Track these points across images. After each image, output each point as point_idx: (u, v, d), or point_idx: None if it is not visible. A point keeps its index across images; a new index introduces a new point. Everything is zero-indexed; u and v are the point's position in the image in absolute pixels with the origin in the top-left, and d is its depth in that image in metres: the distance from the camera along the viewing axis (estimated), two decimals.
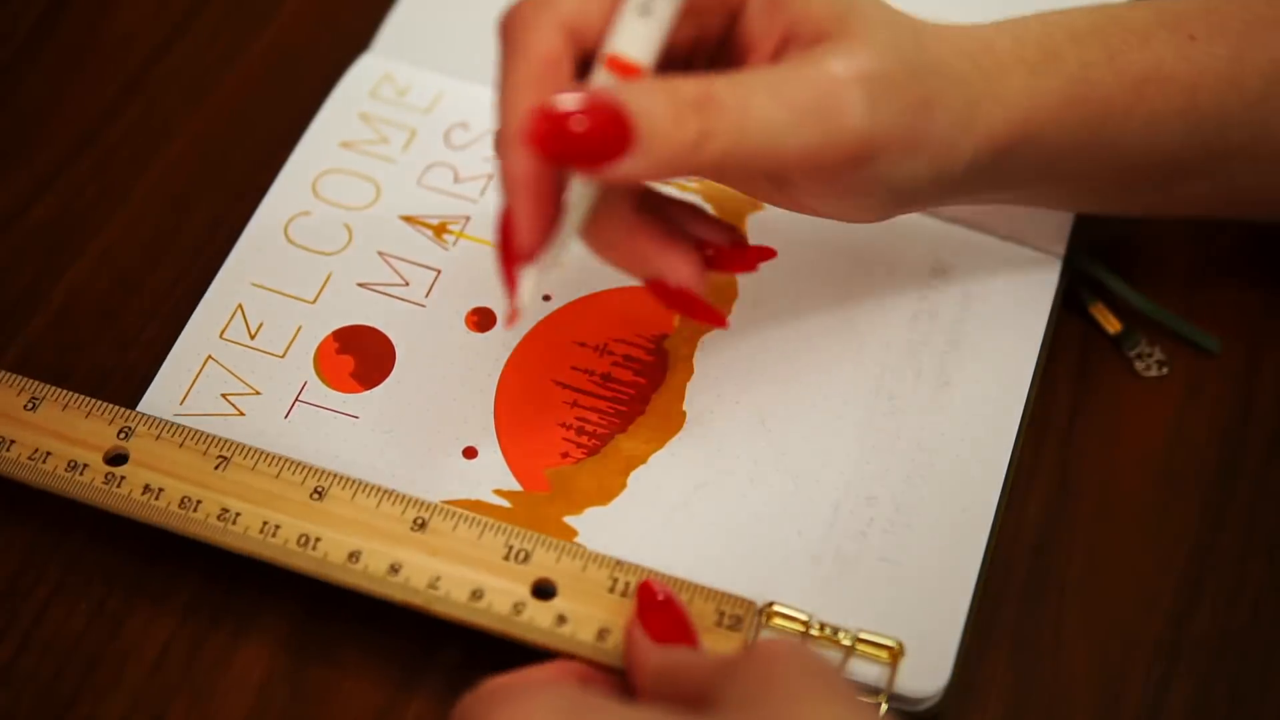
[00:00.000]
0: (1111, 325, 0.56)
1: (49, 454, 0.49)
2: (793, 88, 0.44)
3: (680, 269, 0.46)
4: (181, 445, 0.50)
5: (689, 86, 0.43)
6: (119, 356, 0.56)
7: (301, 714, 0.49)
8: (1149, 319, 0.57)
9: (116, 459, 0.49)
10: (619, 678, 0.47)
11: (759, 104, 0.43)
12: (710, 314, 0.48)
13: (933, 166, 0.48)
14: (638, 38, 0.43)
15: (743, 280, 0.55)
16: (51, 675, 0.49)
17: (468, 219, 0.57)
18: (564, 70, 0.44)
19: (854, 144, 0.45)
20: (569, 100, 0.42)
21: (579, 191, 0.44)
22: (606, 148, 0.42)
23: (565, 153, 0.42)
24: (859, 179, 0.47)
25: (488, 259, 0.56)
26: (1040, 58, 0.49)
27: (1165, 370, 0.56)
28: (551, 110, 0.42)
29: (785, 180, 0.48)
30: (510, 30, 0.45)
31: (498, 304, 0.55)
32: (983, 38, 0.49)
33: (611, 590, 0.47)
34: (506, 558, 0.48)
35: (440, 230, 0.57)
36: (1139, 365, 0.56)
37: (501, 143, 0.44)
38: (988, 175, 0.50)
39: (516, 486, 0.50)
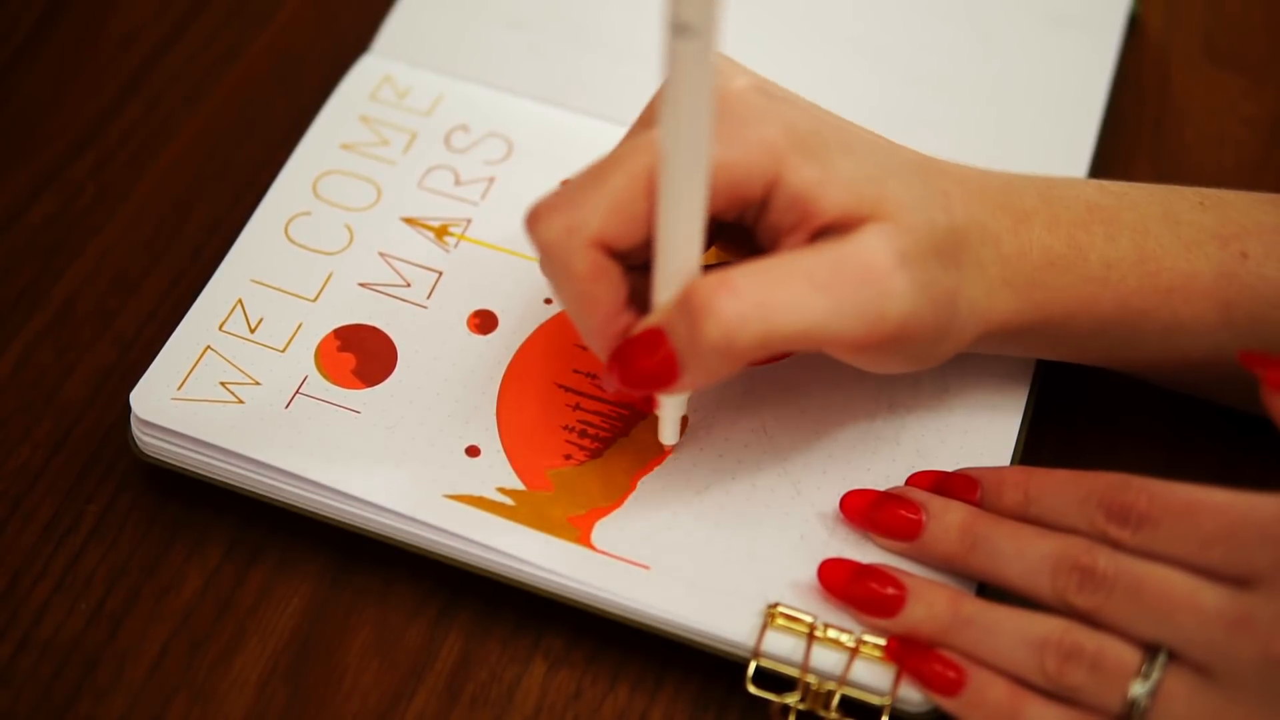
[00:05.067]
0: None
1: None
2: (831, 273, 0.44)
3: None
4: None
5: (705, 284, 0.44)
6: (119, 356, 0.56)
7: (301, 714, 0.49)
8: None
9: None
10: None
11: (793, 290, 0.44)
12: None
13: (950, 348, 0.48)
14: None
15: None
16: (51, 675, 0.49)
17: (469, 221, 0.57)
18: (612, 273, 0.46)
19: (893, 331, 0.45)
20: (615, 364, 0.46)
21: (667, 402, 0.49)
22: (660, 381, 0.45)
23: (637, 389, 0.46)
24: (883, 353, 0.46)
25: (489, 261, 0.56)
26: (1065, 249, 0.48)
27: None
28: (606, 379, 0.46)
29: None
30: (549, 255, 0.46)
31: (499, 306, 0.55)
32: (1019, 211, 0.49)
33: None
34: None
35: (441, 232, 0.57)
36: None
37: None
38: (996, 345, 0.50)
39: (520, 485, 0.50)
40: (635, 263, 0.47)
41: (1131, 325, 0.49)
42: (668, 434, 0.51)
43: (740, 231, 0.48)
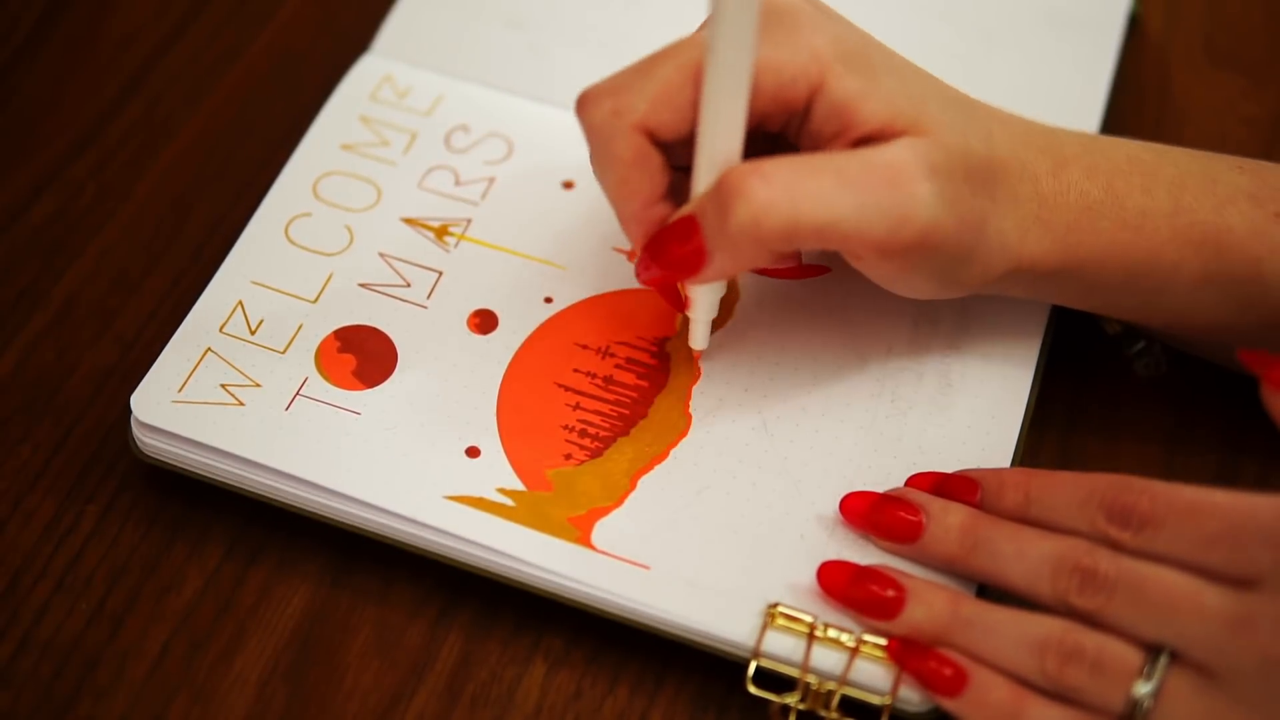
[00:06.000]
0: (1112, 325, 0.56)
1: None
2: (860, 172, 0.46)
3: None
4: None
5: (740, 169, 0.46)
6: (119, 356, 0.56)
7: (302, 714, 0.49)
8: None
9: None
10: None
11: (822, 182, 0.45)
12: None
13: (976, 276, 0.49)
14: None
15: (744, 284, 0.55)
16: (51, 675, 0.49)
17: (469, 221, 0.57)
18: (653, 161, 0.48)
19: (915, 237, 0.46)
20: (648, 251, 0.48)
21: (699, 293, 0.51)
22: (689, 266, 0.47)
23: (667, 273, 0.48)
24: (907, 262, 0.47)
25: (489, 261, 0.56)
26: (1102, 195, 0.49)
27: (1165, 370, 0.56)
28: (639, 266, 0.49)
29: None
30: (595, 137, 0.48)
31: (499, 306, 0.55)
32: (1059, 156, 0.50)
33: None
34: None
35: (441, 232, 0.57)
36: (1139, 365, 0.56)
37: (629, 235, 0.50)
38: (1028, 286, 0.51)
39: (520, 486, 0.50)
40: (678, 162, 0.48)
41: (1163, 276, 0.50)
42: (698, 338, 0.52)
43: (786, 149, 0.49)
